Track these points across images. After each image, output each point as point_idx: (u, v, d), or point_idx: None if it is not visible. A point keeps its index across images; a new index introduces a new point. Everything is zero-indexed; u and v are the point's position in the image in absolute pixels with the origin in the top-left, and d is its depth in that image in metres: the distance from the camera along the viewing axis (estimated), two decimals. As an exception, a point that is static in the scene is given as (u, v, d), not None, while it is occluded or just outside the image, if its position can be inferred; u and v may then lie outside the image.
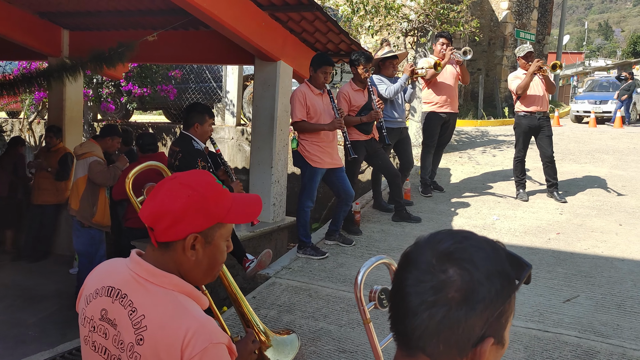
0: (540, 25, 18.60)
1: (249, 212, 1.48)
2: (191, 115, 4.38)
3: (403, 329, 0.93)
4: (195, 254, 1.38)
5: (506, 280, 0.92)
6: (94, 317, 1.41)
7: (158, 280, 1.36)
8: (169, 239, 1.37)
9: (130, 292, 1.37)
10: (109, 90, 11.24)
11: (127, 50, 5.66)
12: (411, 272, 0.93)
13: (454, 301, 0.88)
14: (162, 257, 1.39)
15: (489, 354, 0.92)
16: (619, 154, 9.32)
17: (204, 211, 1.36)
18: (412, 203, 6.82)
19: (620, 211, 6.43)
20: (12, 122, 12.53)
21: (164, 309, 1.33)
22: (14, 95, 6.82)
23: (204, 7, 4.83)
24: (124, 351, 1.34)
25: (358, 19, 9.00)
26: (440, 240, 0.94)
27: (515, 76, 6.84)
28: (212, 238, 1.40)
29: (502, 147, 9.94)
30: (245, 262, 4.88)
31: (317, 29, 6.13)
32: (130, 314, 1.34)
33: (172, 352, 1.29)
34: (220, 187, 1.43)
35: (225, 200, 1.42)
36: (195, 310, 1.35)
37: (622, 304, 4.27)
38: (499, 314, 0.91)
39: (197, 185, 1.38)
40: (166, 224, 1.35)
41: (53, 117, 7.89)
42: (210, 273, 1.45)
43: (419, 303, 0.90)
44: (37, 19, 7.04)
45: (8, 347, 4.79)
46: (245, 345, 1.68)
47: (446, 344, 0.90)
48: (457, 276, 0.89)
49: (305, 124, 5.22)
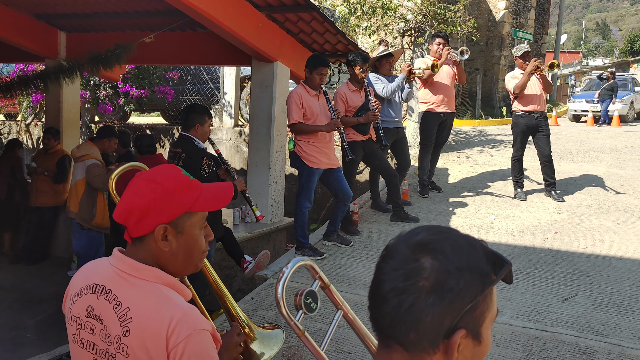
0: (538, 25, 18.61)
1: (218, 200, 1.49)
2: (191, 116, 4.38)
3: (376, 316, 0.95)
4: (169, 245, 1.41)
5: (477, 274, 0.92)
6: (80, 314, 1.44)
7: (140, 274, 1.40)
8: (141, 233, 1.41)
9: (114, 287, 1.40)
10: (106, 92, 11.24)
11: (125, 52, 5.67)
12: (387, 262, 0.96)
13: (423, 289, 0.90)
14: (140, 252, 1.43)
15: (464, 349, 0.92)
16: (616, 153, 9.33)
17: (169, 202, 1.40)
18: (410, 203, 6.82)
19: (618, 210, 6.44)
20: (9, 125, 12.53)
21: (147, 301, 1.36)
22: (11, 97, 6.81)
23: (201, 9, 4.83)
24: (112, 344, 1.37)
25: (355, 19, 9.00)
26: (417, 233, 0.97)
27: (512, 76, 6.85)
28: (182, 227, 1.43)
29: (500, 147, 9.95)
30: (243, 264, 4.88)
31: (314, 30, 6.13)
32: (115, 308, 1.37)
33: (158, 340, 1.32)
34: (185, 178, 1.46)
35: (191, 190, 1.44)
36: (178, 300, 1.38)
37: (620, 302, 4.27)
38: (472, 307, 0.91)
39: (161, 178, 1.42)
40: (135, 219, 1.40)
41: (50, 119, 7.88)
42: (189, 263, 1.48)
43: (390, 289, 0.92)
44: (33, 21, 7.03)
45: (6, 350, 4.79)
46: (230, 338, 1.69)
47: (416, 333, 0.90)
48: (428, 265, 0.91)
49: (302, 125, 5.21)
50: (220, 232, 4.61)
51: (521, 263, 5.05)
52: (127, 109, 11.56)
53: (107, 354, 1.38)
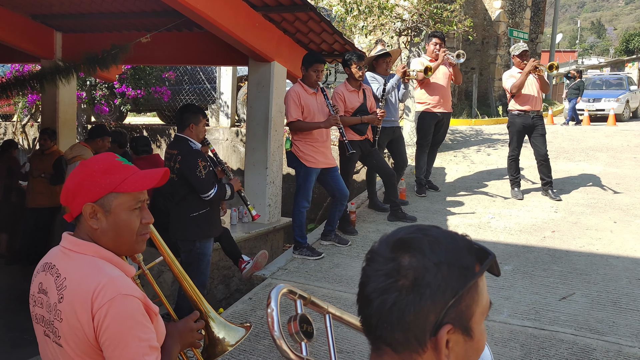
0: (533, 24, 18.65)
1: (145, 181, 1.57)
2: (185, 116, 4.37)
3: (363, 319, 0.96)
4: (99, 223, 1.52)
5: (457, 267, 0.92)
6: (34, 292, 1.57)
7: (79, 249, 1.52)
8: (76, 213, 1.54)
9: (57, 262, 1.54)
10: (102, 93, 11.22)
11: (121, 52, 5.65)
12: (370, 264, 0.97)
13: (403, 288, 0.90)
14: (80, 231, 1.56)
15: (455, 345, 0.92)
16: (613, 152, 9.35)
17: (93, 183, 1.52)
18: (408, 202, 6.83)
19: (614, 209, 6.46)
20: (5, 125, 12.49)
21: (80, 270, 1.48)
22: (6, 98, 6.80)
23: (198, 9, 4.82)
24: (51, 312, 1.49)
25: (352, 19, 9.00)
26: (397, 233, 0.98)
27: (510, 75, 6.86)
28: (109, 207, 1.52)
29: (496, 146, 9.96)
30: (241, 264, 4.88)
31: (311, 29, 6.13)
32: (55, 280, 1.50)
33: (84, 304, 1.42)
34: (116, 163, 1.56)
35: (119, 172, 1.54)
36: (108, 269, 1.49)
37: (617, 301, 4.28)
38: (455, 301, 0.91)
39: (91, 163, 1.56)
40: (69, 200, 1.55)
41: (47, 119, 7.86)
42: (120, 241, 1.56)
43: (372, 290, 0.93)
44: (29, 21, 7.01)
45: (4, 351, 4.78)
46: (185, 323, 1.73)
47: (402, 332, 0.91)
48: (406, 263, 0.92)
49: (301, 123, 5.21)
50: (218, 232, 4.60)
51: (519, 262, 5.06)
52: (123, 109, 11.54)
53: (50, 323, 1.50)
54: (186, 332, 1.72)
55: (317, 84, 5.32)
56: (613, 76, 19.52)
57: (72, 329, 1.44)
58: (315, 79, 5.25)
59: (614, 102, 15.60)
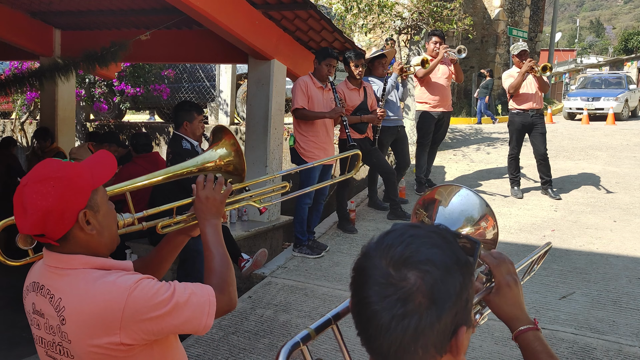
0: (533, 23, 18.65)
1: (108, 168, 1.53)
2: (179, 114, 4.39)
3: (377, 347, 0.91)
4: (94, 227, 1.46)
5: (464, 267, 0.92)
6: (29, 311, 1.52)
7: (66, 265, 1.44)
8: (65, 230, 1.42)
9: (46, 282, 1.46)
10: (101, 90, 11.18)
11: (120, 50, 5.63)
12: (371, 287, 0.90)
13: (422, 307, 0.87)
14: (67, 248, 1.45)
15: (465, 341, 0.93)
16: (612, 151, 9.35)
17: (75, 188, 1.42)
18: (407, 201, 6.82)
19: (614, 208, 6.46)
20: (3, 123, 12.45)
21: (76, 287, 1.41)
22: (5, 95, 6.77)
23: (198, 6, 4.80)
24: (55, 334, 1.43)
25: (351, 17, 8.98)
26: (390, 245, 0.92)
27: (509, 75, 6.86)
28: (97, 206, 1.47)
29: (496, 145, 9.96)
30: (240, 262, 4.86)
31: (311, 28, 6.11)
32: (50, 301, 1.43)
33: (98, 322, 1.36)
34: (68, 163, 1.48)
35: (83, 170, 1.47)
36: (105, 277, 1.42)
37: (617, 300, 4.28)
38: (465, 301, 0.91)
39: (52, 172, 1.42)
40: (54, 221, 1.39)
41: (45, 117, 7.83)
42: (113, 236, 1.54)
43: (390, 319, 0.88)
44: (28, 19, 6.98)
45: (3, 349, 4.77)
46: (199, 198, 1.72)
47: (424, 348, 0.89)
48: (419, 280, 0.88)
49: (306, 111, 5.25)
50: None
51: (518, 261, 5.05)
52: (122, 107, 11.51)
53: (55, 344, 1.45)
54: (205, 201, 1.70)
55: (327, 79, 5.36)
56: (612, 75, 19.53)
57: (88, 347, 1.39)
58: (326, 73, 5.31)
59: (613, 101, 15.60)
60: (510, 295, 1.21)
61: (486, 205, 1.39)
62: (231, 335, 4.01)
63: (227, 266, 1.65)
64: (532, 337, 1.17)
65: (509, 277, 1.22)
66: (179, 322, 1.44)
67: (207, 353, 3.80)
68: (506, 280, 1.21)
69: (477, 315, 1.33)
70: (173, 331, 1.46)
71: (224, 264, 1.64)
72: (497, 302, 1.21)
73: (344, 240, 5.79)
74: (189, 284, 1.49)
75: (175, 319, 1.42)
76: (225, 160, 1.86)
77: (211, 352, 3.81)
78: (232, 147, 1.86)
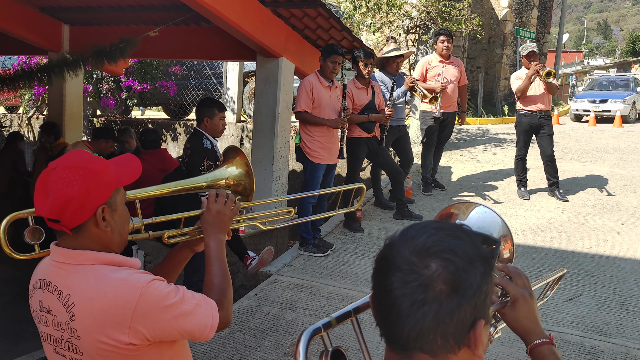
0: (540, 24, 18.57)
1: (133, 171, 1.54)
2: (200, 110, 4.43)
3: (398, 333, 0.92)
4: (108, 224, 1.46)
5: (486, 261, 0.93)
6: (36, 309, 1.51)
7: (75, 260, 1.44)
8: (81, 221, 1.42)
9: (53, 278, 1.46)
10: (108, 86, 11.21)
11: (129, 46, 5.64)
12: (394, 274, 0.91)
13: (443, 294, 0.88)
14: (78, 241, 1.45)
15: (483, 337, 0.93)
16: (619, 153, 9.31)
17: (101, 182, 1.44)
18: (414, 201, 6.81)
19: (621, 210, 6.43)
20: (10, 118, 12.50)
21: (85, 283, 1.40)
22: (14, 90, 6.78)
23: (207, 3, 4.80)
24: (65, 330, 1.43)
25: (360, 16, 8.97)
26: (413, 237, 0.94)
27: (517, 76, 6.83)
28: (115, 205, 1.48)
29: (502, 146, 9.92)
30: (247, 260, 4.87)
31: (320, 26, 6.10)
32: (58, 297, 1.43)
33: (108, 319, 1.36)
34: (100, 158, 1.49)
35: (111, 167, 1.48)
36: (116, 273, 1.41)
37: (625, 303, 4.26)
38: (485, 294, 0.92)
39: (82, 162, 1.44)
40: (73, 209, 1.40)
41: (53, 113, 7.84)
42: (124, 237, 1.54)
43: (410, 304, 0.89)
44: (37, 14, 6.99)
45: (9, 343, 4.78)
46: (209, 211, 1.71)
47: (443, 337, 0.90)
48: (441, 268, 0.89)
49: (308, 115, 5.25)
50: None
51: (525, 262, 5.04)
52: (129, 103, 11.53)
53: (63, 341, 1.44)
54: (215, 215, 1.70)
55: (332, 76, 5.34)
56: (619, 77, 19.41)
57: (97, 344, 1.39)
58: (331, 70, 5.28)
59: (620, 104, 15.50)
60: (525, 308, 1.22)
61: (507, 226, 1.40)
62: (237, 332, 4.01)
63: (227, 282, 1.68)
64: (547, 351, 1.18)
65: (524, 291, 1.23)
66: (183, 330, 1.45)
67: (213, 350, 3.80)
68: (522, 294, 1.22)
69: (492, 328, 1.33)
70: (175, 337, 1.46)
71: (224, 280, 1.68)
72: (513, 315, 1.22)
73: (350, 239, 5.78)
74: (195, 293, 1.50)
75: (181, 325, 1.43)
76: (236, 179, 1.88)
77: (217, 349, 3.81)
78: (245, 167, 1.88)
